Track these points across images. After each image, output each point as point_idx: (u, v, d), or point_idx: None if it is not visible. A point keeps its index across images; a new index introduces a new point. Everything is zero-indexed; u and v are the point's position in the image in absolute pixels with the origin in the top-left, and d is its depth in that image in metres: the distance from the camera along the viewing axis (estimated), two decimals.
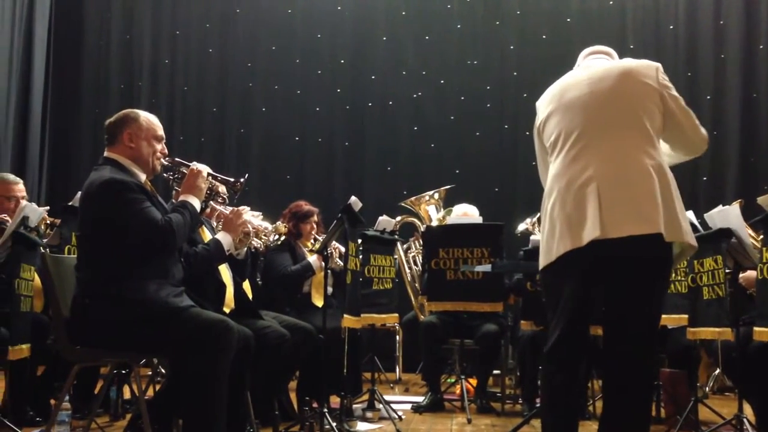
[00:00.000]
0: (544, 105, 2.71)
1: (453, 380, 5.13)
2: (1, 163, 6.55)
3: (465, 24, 7.20)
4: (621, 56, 2.77)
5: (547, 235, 2.56)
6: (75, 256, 2.96)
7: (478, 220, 4.79)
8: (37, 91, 7.17)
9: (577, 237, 2.44)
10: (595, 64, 2.68)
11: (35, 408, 3.71)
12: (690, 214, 3.46)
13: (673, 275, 3.65)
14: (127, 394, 4.15)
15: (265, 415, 3.50)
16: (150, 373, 4.50)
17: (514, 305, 4.89)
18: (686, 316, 3.59)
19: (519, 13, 7.14)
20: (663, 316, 3.46)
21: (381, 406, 4.12)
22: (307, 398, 3.85)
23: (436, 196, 5.50)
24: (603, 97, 2.55)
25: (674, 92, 2.56)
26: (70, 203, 3.85)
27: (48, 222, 3.91)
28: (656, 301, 2.51)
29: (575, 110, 2.57)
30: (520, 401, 4.52)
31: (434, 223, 5.25)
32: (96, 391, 3.86)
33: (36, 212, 3.34)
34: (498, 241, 4.33)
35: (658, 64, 2.59)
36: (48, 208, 3.74)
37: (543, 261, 2.58)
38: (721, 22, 6.86)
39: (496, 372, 5.00)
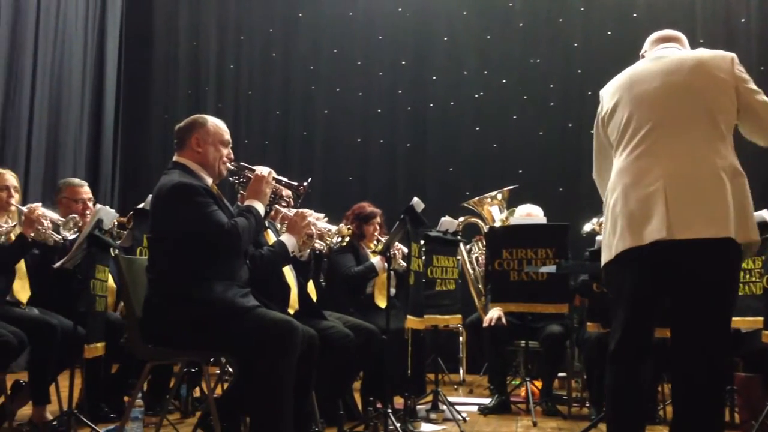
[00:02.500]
0: (609, 95, 2.63)
1: (518, 382, 5.07)
2: (77, 169, 6.82)
3: (527, 22, 7.12)
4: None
5: (608, 231, 2.51)
6: (146, 257, 3.04)
7: (543, 220, 4.72)
8: (110, 100, 7.45)
9: (638, 235, 2.38)
10: (667, 55, 2.58)
11: (110, 405, 3.84)
12: (765, 213, 3.34)
13: (748, 276, 3.52)
14: (197, 392, 4.25)
15: (330, 415, 3.53)
16: (218, 371, 4.60)
17: (579, 307, 4.80)
18: (761, 318, 3.45)
19: (583, 10, 7.01)
20: (737, 318, 3.37)
21: (445, 407, 4.10)
22: (371, 398, 3.87)
23: (499, 196, 5.44)
24: (675, 91, 2.47)
25: (752, 85, 2.46)
26: (141, 206, 3.97)
27: (116, 222, 4.00)
28: (726, 305, 2.43)
29: (645, 104, 2.50)
30: (587, 405, 4.43)
31: (497, 224, 5.20)
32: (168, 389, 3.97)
33: (109, 215, 3.46)
34: (563, 241, 4.26)
35: (733, 55, 2.49)
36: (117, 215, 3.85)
37: (604, 258, 2.54)
38: None
39: (561, 374, 4.92)
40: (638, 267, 2.43)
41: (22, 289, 3.56)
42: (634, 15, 6.85)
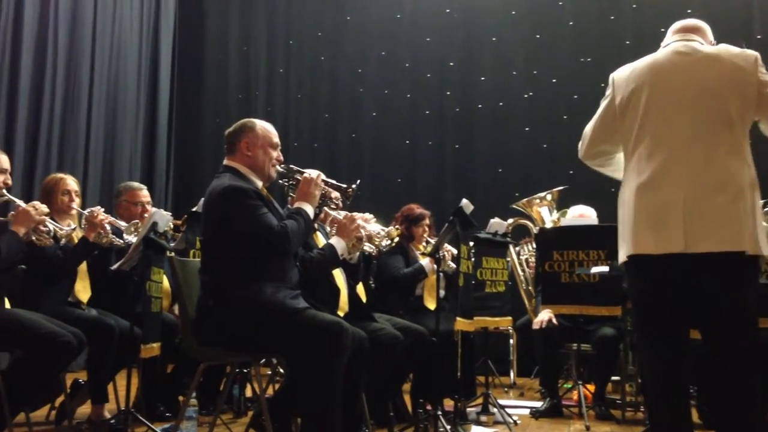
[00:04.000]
0: (626, 84, 2.60)
1: (570, 386, 5.00)
2: (132, 172, 7.00)
3: (577, 20, 7.02)
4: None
5: (624, 229, 2.53)
6: (199, 259, 3.10)
7: (595, 221, 4.64)
8: (163, 105, 7.63)
9: (653, 241, 2.41)
10: (690, 51, 2.55)
11: (165, 404, 3.92)
12: None
13: None
14: (249, 392, 4.31)
15: (380, 416, 3.54)
16: (270, 372, 4.66)
17: (633, 309, 4.71)
18: None
19: (635, 7, 6.88)
20: None
21: (495, 410, 4.07)
22: (421, 400, 3.87)
23: (549, 197, 5.38)
24: (698, 94, 2.45)
25: None
26: (194, 209, 4.04)
27: (171, 224, 4.09)
28: (746, 312, 2.43)
29: (668, 104, 2.48)
30: (642, 409, 4.34)
31: (548, 225, 5.14)
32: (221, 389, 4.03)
33: (164, 218, 3.53)
34: (615, 242, 4.17)
35: (756, 55, 2.48)
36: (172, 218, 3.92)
37: (621, 257, 2.57)
38: None
39: (615, 378, 4.83)
40: (653, 273, 2.45)
41: (83, 290, 3.67)
42: (688, 11, 6.67)
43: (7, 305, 3.19)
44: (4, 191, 3.21)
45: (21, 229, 3.13)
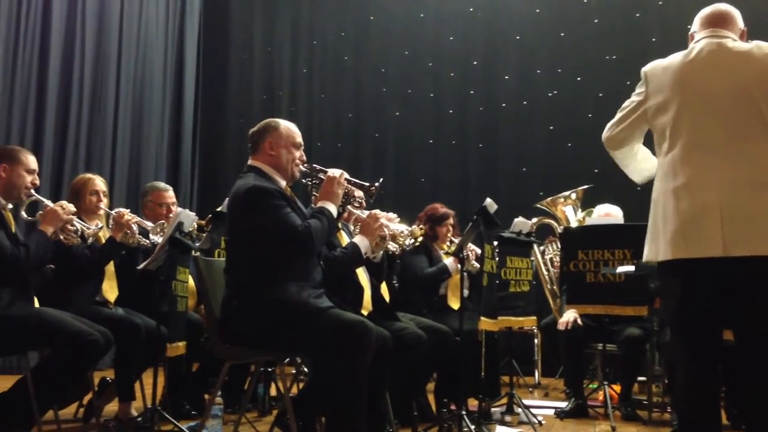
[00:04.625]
0: (658, 84, 2.57)
1: (595, 386, 4.96)
2: (158, 172, 7.07)
3: (602, 18, 6.95)
4: None
5: (657, 229, 2.49)
6: (224, 259, 3.11)
7: (621, 220, 4.60)
8: (188, 106, 7.70)
9: (690, 245, 2.36)
10: (722, 48, 2.51)
11: (191, 402, 3.95)
12: None
13: None
14: (273, 391, 4.33)
15: (403, 416, 3.54)
16: (294, 371, 4.67)
17: (659, 309, 4.66)
18: None
19: (661, 4, 6.80)
20: None
21: (520, 410, 4.05)
22: (445, 400, 3.86)
23: (573, 196, 5.34)
24: (734, 97, 2.41)
25: None
26: (218, 209, 4.06)
27: (196, 224, 4.12)
28: None
29: (702, 107, 2.44)
30: (669, 410, 4.30)
31: (574, 224, 5.10)
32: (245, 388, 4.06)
33: (189, 218, 3.56)
34: (641, 242, 4.13)
35: None
36: (197, 218, 3.95)
37: (649, 255, 2.53)
38: None
39: (641, 379, 4.79)
40: (690, 277, 2.41)
41: (110, 290, 3.71)
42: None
43: (36, 304, 3.23)
44: (33, 191, 3.26)
45: (49, 229, 3.18)
